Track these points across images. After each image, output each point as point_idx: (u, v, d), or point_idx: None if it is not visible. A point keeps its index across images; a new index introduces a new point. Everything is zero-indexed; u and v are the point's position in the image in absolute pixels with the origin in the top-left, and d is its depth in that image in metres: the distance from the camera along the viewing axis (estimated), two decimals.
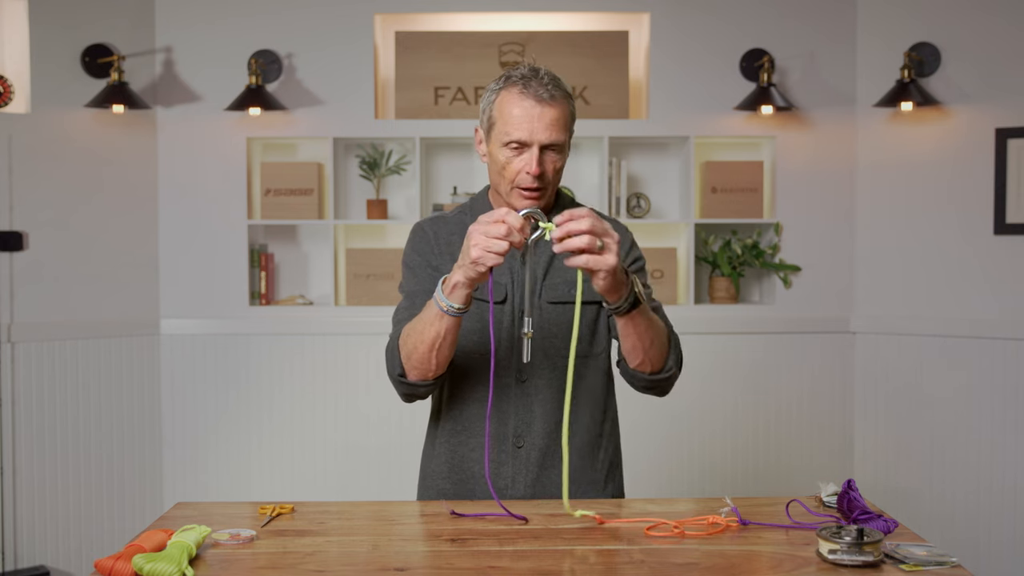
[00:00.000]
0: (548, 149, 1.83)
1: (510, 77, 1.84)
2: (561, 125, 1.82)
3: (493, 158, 1.87)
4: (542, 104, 1.80)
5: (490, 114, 1.86)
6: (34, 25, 3.60)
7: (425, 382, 1.84)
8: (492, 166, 1.88)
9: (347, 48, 3.90)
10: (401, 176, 4.03)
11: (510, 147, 1.82)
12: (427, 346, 1.76)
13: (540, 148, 1.81)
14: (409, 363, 1.81)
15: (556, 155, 1.84)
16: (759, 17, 3.90)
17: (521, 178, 1.83)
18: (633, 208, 3.98)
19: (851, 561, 1.42)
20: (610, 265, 1.61)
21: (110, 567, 1.40)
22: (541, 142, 1.81)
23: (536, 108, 1.80)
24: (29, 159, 3.60)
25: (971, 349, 3.72)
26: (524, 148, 1.82)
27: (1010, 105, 3.64)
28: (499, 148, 1.84)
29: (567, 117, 1.84)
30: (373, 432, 3.91)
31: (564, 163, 1.87)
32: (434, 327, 1.74)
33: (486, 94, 1.88)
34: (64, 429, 3.68)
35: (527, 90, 1.80)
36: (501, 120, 1.83)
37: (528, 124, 1.80)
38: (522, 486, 1.90)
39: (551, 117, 1.80)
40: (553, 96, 1.81)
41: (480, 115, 1.90)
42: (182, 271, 3.92)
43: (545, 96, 1.80)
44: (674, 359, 1.87)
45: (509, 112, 1.81)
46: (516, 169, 1.83)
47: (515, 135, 1.81)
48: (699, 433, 3.94)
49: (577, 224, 1.59)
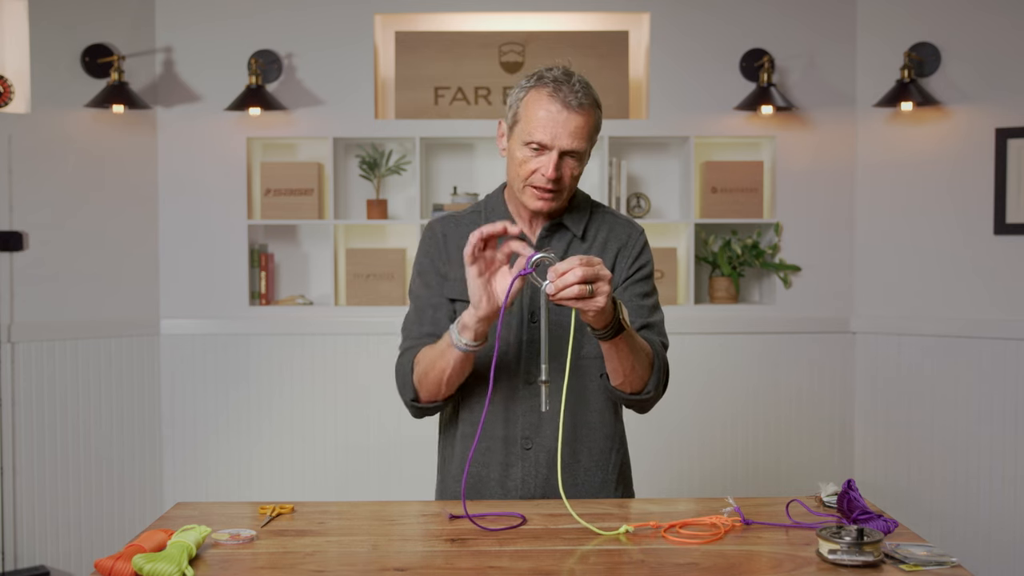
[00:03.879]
0: (568, 155, 1.83)
1: (543, 77, 1.83)
2: (585, 134, 1.82)
3: (511, 153, 1.88)
4: (569, 110, 1.80)
5: (516, 110, 1.86)
6: (34, 25, 3.59)
7: (435, 403, 1.89)
8: (510, 161, 1.89)
9: (347, 48, 3.91)
10: (401, 176, 4.03)
11: (530, 147, 1.83)
12: (438, 374, 1.82)
13: (560, 154, 1.82)
14: (421, 386, 1.86)
15: (575, 162, 1.85)
16: (759, 17, 3.90)
17: (535, 178, 1.84)
18: (633, 208, 3.98)
19: (851, 561, 1.42)
20: (598, 307, 1.62)
21: (110, 567, 1.40)
22: (562, 148, 1.81)
23: (563, 113, 1.80)
24: (29, 159, 3.60)
25: (971, 349, 3.72)
26: (544, 151, 1.82)
27: (1010, 105, 3.64)
28: (519, 146, 1.85)
29: (592, 126, 1.84)
30: (373, 432, 3.92)
31: (582, 170, 1.88)
32: (445, 358, 1.79)
33: (515, 90, 1.88)
34: (64, 429, 3.68)
35: (557, 94, 1.80)
36: (526, 119, 1.83)
37: (552, 128, 1.80)
38: (532, 487, 1.91)
39: (576, 125, 1.81)
40: (582, 104, 1.81)
41: (506, 109, 1.90)
42: (182, 271, 3.92)
43: (574, 103, 1.80)
44: (655, 382, 1.86)
45: (535, 113, 1.82)
46: (532, 168, 1.84)
47: (537, 136, 1.81)
48: (699, 433, 3.94)
49: (565, 279, 1.59)
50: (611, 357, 1.79)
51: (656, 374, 1.86)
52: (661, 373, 1.88)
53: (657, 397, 1.90)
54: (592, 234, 1.95)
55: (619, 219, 2.00)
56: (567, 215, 1.95)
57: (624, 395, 1.86)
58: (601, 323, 1.69)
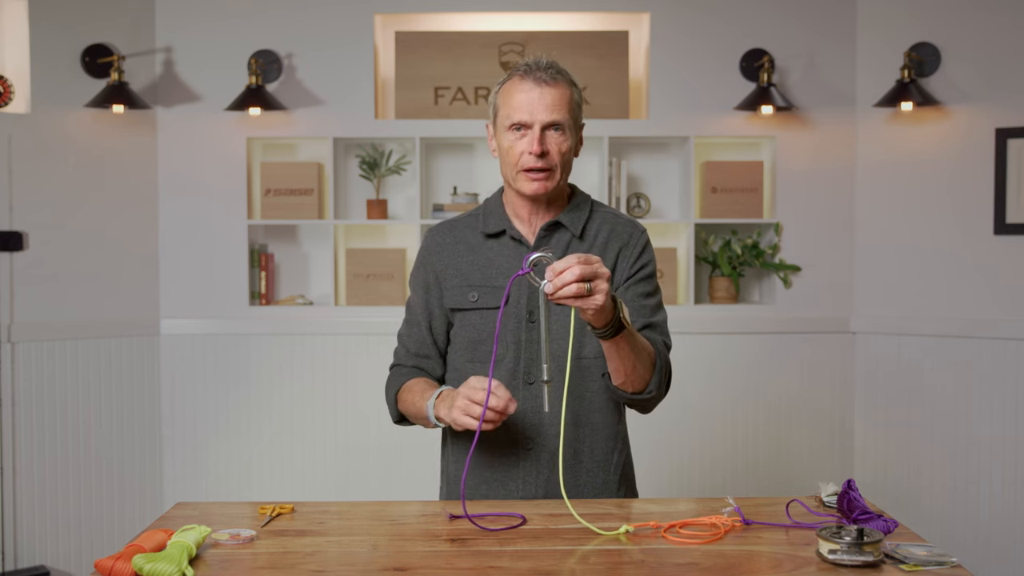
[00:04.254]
0: (550, 129, 1.86)
1: (515, 68, 1.91)
2: (562, 105, 1.86)
3: (500, 146, 1.91)
4: (541, 86, 1.86)
5: (495, 103, 1.92)
6: (34, 25, 3.59)
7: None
8: (501, 156, 1.92)
9: (347, 48, 3.91)
10: (401, 176, 4.03)
11: (513, 130, 1.87)
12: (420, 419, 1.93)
13: (542, 128, 1.85)
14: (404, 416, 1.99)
15: (560, 136, 1.87)
16: (759, 17, 3.90)
17: (525, 159, 1.86)
18: (633, 208, 3.98)
19: (851, 561, 1.42)
20: (597, 305, 1.62)
21: (110, 567, 1.40)
22: (542, 122, 1.85)
23: (536, 90, 1.85)
24: (29, 159, 3.60)
25: (971, 349, 3.72)
26: (526, 129, 1.86)
27: (1010, 105, 3.64)
28: (504, 133, 1.89)
29: (569, 99, 1.88)
30: (373, 432, 3.91)
31: (571, 147, 1.90)
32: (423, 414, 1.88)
33: (493, 89, 1.95)
34: (64, 429, 3.68)
35: (528, 75, 1.87)
36: (504, 106, 1.89)
37: (528, 106, 1.85)
38: (534, 488, 1.91)
39: (552, 97, 1.85)
40: (554, 78, 1.87)
41: (488, 109, 1.96)
42: (182, 271, 3.92)
43: (546, 78, 1.86)
44: (656, 382, 1.86)
45: (511, 98, 1.87)
46: (520, 151, 1.87)
47: (516, 117, 1.86)
48: (699, 433, 3.94)
49: (563, 278, 1.59)
50: (612, 356, 1.79)
51: (658, 374, 1.86)
52: (663, 373, 1.88)
53: (659, 397, 1.90)
54: (592, 234, 1.95)
55: (620, 218, 2.00)
56: (565, 214, 1.95)
57: (626, 395, 1.86)
58: (601, 322, 1.69)
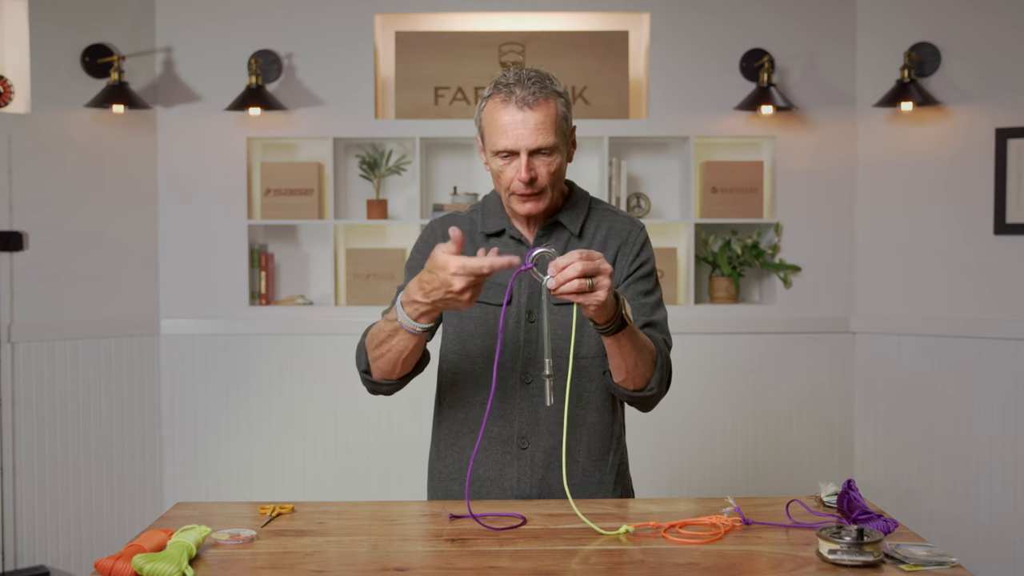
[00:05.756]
0: (538, 153, 1.83)
1: (497, 85, 1.84)
2: (547, 127, 1.81)
3: (490, 166, 1.89)
4: (524, 110, 1.80)
5: (480, 125, 1.88)
6: (34, 25, 3.59)
7: (388, 381, 1.87)
8: (492, 175, 1.91)
9: (347, 48, 3.91)
10: (401, 176, 4.03)
11: (500, 156, 1.84)
12: (393, 356, 1.79)
13: (529, 153, 1.81)
14: (375, 365, 1.84)
15: (548, 158, 1.83)
16: (759, 17, 3.90)
17: (515, 185, 1.84)
18: (633, 208, 3.98)
19: (851, 561, 1.42)
20: (599, 301, 1.62)
21: (110, 567, 1.40)
22: (528, 147, 1.81)
23: (519, 115, 1.80)
24: (29, 159, 3.60)
25: (971, 349, 3.72)
26: (513, 156, 1.83)
27: (1010, 105, 3.64)
28: (492, 157, 1.86)
29: (555, 117, 1.82)
30: (373, 432, 3.92)
31: (561, 162, 1.86)
32: (400, 341, 1.76)
33: (478, 104, 1.90)
34: (64, 429, 3.68)
35: (509, 98, 1.81)
36: (489, 130, 1.84)
37: (512, 132, 1.80)
38: (528, 487, 1.91)
39: (535, 121, 1.80)
40: (537, 98, 1.80)
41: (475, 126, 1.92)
42: (182, 271, 3.92)
43: (530, 100, 1.80)
44: (657, 380, 1.85)
45: (494, 122, 1.83)
46: (509, 177, 1.84)
47: (501, 145, 1.82)
48: (699, 433, 3.94)
49: (565, 274, 1.59)
50: (614, 353, 1.78)
51: (659, 372, 1.86)
52: (664, 371, 1.88)
53: (660, 395, 1.90)
54: (591, 232, 1.95)
55: (619, 216, 1.99)
56: (563, 213, 1.95)
57: (627, 392, 1.86)
58: (603, 318, 1.69)
